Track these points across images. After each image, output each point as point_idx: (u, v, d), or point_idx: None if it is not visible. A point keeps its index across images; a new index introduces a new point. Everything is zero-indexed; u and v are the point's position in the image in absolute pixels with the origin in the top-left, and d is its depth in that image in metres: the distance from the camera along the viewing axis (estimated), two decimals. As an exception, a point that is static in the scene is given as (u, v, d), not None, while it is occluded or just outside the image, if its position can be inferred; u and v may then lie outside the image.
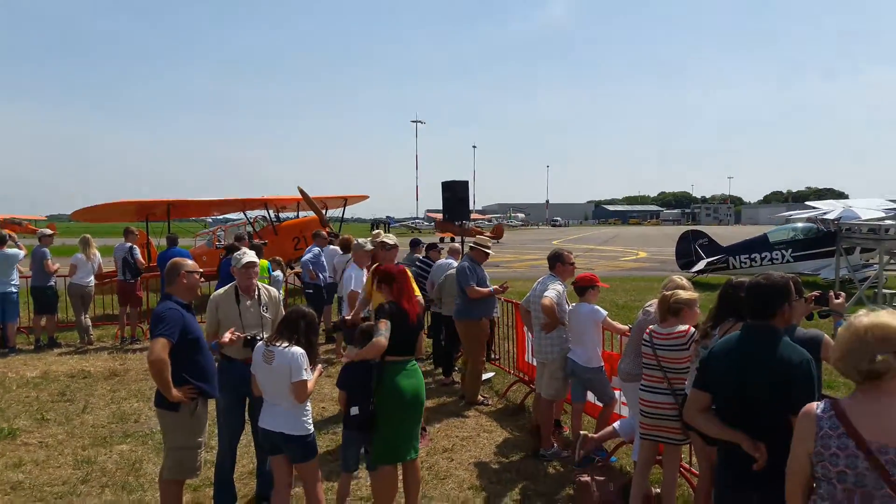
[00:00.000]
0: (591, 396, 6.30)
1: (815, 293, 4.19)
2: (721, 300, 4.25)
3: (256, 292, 5.09)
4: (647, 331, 4.66)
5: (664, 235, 21.71)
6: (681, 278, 4.98)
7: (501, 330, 9.30)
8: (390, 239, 6.93)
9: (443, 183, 11.73)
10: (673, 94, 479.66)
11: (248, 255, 5.08)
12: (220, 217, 22.85)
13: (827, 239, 18.16)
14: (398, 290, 4.78)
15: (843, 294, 4.24)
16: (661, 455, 4.79)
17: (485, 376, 8.84)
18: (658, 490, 4.86)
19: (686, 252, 20.30)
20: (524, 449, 6.35)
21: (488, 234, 36.14)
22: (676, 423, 4.48)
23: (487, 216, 77.88)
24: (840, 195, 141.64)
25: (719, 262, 19.48)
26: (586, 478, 5.23)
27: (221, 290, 5.11)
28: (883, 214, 16.83)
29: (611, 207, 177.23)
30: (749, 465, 2.99)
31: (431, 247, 10.35)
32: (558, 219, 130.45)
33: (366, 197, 21.26)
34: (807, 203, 28.59)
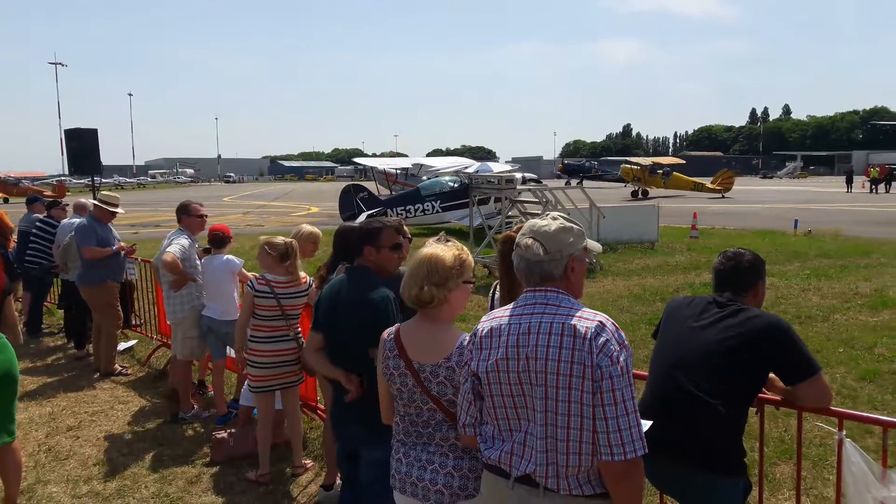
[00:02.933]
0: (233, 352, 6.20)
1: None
2: (335, 246, 4.46)
3: None
4: (265, 282, 4.62)
5: (337, 191, 22.45)
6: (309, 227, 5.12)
7: (142, 294, 8.59)
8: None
9: (66, 131, 10.22)
10: (351, 53, 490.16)
11: None
12: None
13: (468, 191, 20.54)
14: None
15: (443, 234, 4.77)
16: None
17: (124, 345, 8.14)
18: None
19: (349, 205, 21.17)
20: (163, 415, 6.02)
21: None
22: (296, 367, 4.65)
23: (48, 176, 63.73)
24: (490, 153, 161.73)
25: (379, 214, 20.76)
26: (223, 434, 5.16)
27: None
28: (510, 168, 19.71)
29: (287, 163, 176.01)
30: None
31: (53, 205, 9.03)
32: (231, 175, 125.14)
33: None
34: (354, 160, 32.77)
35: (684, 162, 52.37)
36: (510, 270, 2.93)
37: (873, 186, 44.24)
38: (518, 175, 20.54)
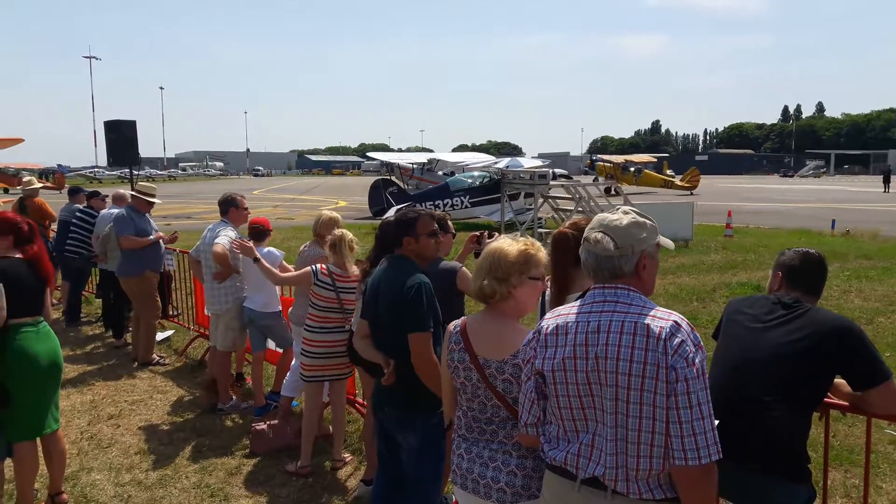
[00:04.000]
0: (272, 344, 6.22)
1: (477, 233, 4.54)
2: (377, 240, 4.45)
3: None
4: (328, 273, 4.67)
5: (364, 185, 22.48)
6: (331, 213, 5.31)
7: (180, 284, 8.68)
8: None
9: (105, 123, 10.36)
10: (374, 47, 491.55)
11: None
12: None
13: (498, 186, 20.50)
14: (14, 242, 4.10)
15: (497, 233, 4.72)
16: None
17: (161, 335, 8.22)
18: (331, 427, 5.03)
19: (378, 200, 21.25)
20: (202, 406, 6.06)
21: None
22: (343, 359, 4.64)
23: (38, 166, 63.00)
24: (516, 149, 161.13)
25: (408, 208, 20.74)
26: (262, 426, 5.18)
27: None
28: (540, 163, 19.58)
29: (314, 157, 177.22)
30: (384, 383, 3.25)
31: (93, 195, 9.15)
32: (260, 168, 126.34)
33: (19, 140, 18.01)
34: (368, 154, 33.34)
35: (655, 160, 52.62)
36: (564, 268, 2.88)
37: (912, 186, 43.15)
38: (549, 171, 20.44)
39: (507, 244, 2.54)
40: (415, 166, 26.62)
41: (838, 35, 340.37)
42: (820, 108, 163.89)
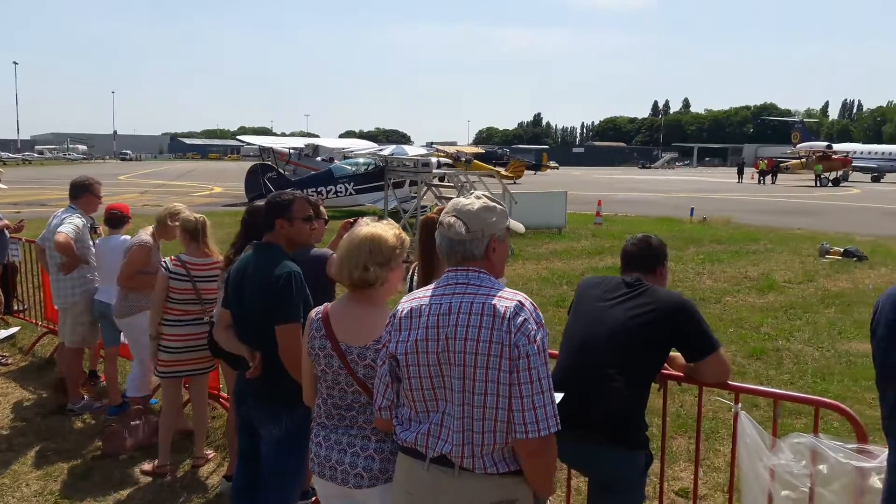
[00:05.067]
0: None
1: (350, 220, 4.45)
2: (244, 225, 4.27)
3: None
4: (181, 263, 4.41)
5: (243, 170, 21.51)
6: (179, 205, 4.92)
7: (27, 276, 7.95)
8: None
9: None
10: (259, 26, 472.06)
11: None
12: None
13: (382, 173, 20.34)
14: None
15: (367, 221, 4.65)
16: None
17: (5, 333, 7.52)
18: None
19: (255, 186, 20.52)
20: (49, 407, 5.59)
21: None
22: (204, 353, 4.44)
23: None
24: (404, 137, 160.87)
25: (288, 195, 20.18)
26: (117, 426, 4.86)
27: None
28: (425, 151, 19.67)
29: (189, 141, 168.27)
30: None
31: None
32: (128, 152, 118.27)
33: None
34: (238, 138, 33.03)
35: (483, 151, 55.78)
36: (429, 253, 2.90)
37: (761, 178, 47.39)
38: (434, 159, 20.56)
39: (382, 229, 2.52)
40: (292, 151, 25.94)
41: (705, 36, 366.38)
42: (686, 104, 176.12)
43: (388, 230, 2.53)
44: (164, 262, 4.47)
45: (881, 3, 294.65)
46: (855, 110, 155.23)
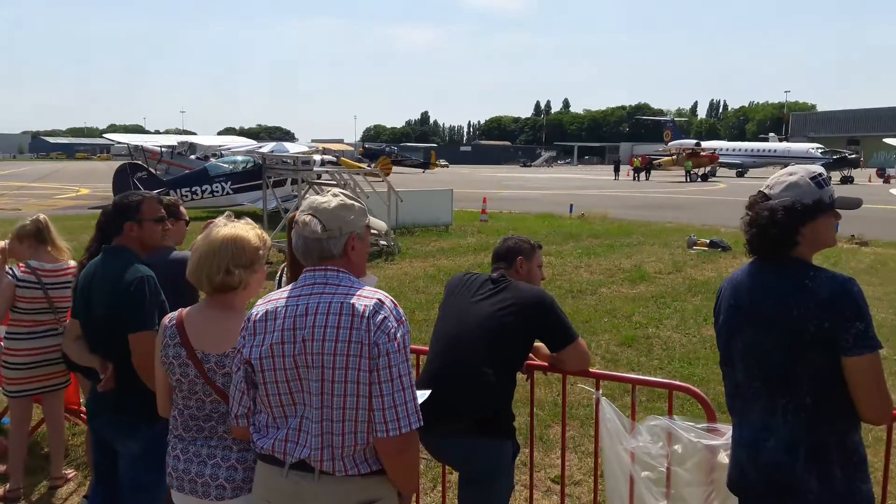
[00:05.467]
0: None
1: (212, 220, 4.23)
2: (98, 228, 4.00)
3: None
4: (30, 270, 4.02)
5: (112, 170, 19.96)
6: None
7: None
8: None
9: None
10: (130, 18, 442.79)
11: None
12: None
13: (260, 172, 19.61)
14: None
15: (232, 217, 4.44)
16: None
17: None
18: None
19: (124, 186, 19.21)
20: None
21: None
22: (59, 367, 4.10)
23: None
24: (288, 134, 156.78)
25: (161, 195, 19.12)
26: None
27: None
28: (307, 149, 19.23)
29: (53, 140, 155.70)
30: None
31: None
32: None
33: None
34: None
35: (351, 148, 56.68)
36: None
37: (636, 175, 50.30)
38: (316, 157, 20.15)
39: (242, 229, 2.43)
40: (164, 150, 24.63)
41: (583, 39, 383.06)
42: (566, 104, 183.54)
43: (248, 230, 2.45)
44: (11, 269, 4.08)
45: (742, 11, 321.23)
46: (721, 110, 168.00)
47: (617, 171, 52.95)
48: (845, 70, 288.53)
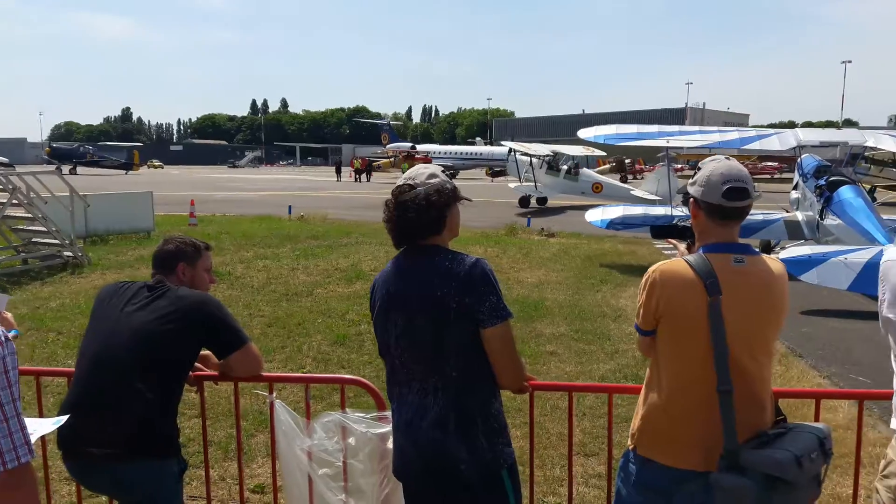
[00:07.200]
0: None
1: None
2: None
3: None
4: None
5: None
6: None
7: None
8: None
9: None
10: None
11: None
12: None
13: None
14: None
15: None
16: None
17: None
18: None
19: None
20: None
21: None
22: None
23: None
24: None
25: None
26: None
27: None
28: None
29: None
30: None
31: None
32: None
33: None
34: None
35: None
36: None
37: (357, 176, 51.51)
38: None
39: None
40: None
41: (301, 40, 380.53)
42: (284, 104, 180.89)
43: None
44: None
45: (447, 22, 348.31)
46: (433, 115, 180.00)
47: (339, 172, 53.75)
48: (535, 81, 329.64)
